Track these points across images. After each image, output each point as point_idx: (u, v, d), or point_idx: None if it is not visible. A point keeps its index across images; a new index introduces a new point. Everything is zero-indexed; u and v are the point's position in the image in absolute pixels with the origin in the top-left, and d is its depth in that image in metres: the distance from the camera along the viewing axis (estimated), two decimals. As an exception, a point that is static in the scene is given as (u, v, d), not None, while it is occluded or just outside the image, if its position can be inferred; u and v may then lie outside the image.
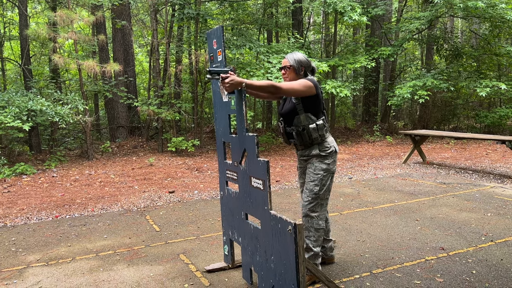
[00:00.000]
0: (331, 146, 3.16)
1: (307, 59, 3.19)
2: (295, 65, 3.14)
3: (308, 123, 3.08)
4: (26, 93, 8.60)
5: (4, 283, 3.38)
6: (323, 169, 3.12)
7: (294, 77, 3.15)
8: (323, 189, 3.12)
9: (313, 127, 3.07)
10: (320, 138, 3.10)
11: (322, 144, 3.13)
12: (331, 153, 3.15)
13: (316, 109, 3.11)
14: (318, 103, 3.11)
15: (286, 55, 3.22)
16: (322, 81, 11.85)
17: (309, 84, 3.02)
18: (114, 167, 9.09)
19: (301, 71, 3.15)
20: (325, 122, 3.15)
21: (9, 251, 4.12)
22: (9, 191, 7.01)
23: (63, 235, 4.61)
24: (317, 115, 3.11)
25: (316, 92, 3.07)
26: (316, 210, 3.14)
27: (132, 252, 4.00)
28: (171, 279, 3.35)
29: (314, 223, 3.12)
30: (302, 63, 3.15)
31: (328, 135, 3.19)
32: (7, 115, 7.83)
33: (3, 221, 5.21)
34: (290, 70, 3.15)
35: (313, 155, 3.15)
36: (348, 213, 5.18)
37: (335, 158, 3.18)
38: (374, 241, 4.11)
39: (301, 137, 3.13)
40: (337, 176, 7.68)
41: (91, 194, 6.62)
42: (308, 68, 3.19)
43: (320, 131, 3.09)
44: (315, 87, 3.06)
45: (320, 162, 3.13)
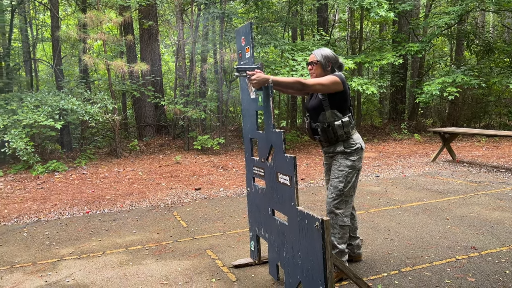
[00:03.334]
0: (357, 143, 3.12)
1: (334, 55, 3.17)
2: (322, 61, 3.11)
3: (333, 119, 3.05)
4: (58, 93, 8.87)
5: (39, 274, 3.51)
6: (348, 165, 3.08)
7: (321, 73, 3.12)
8: (347, 186, 3.09)
9: (339, 124, 3.04)
10: (345, 135, 3.08)
11: (348, 141, 3.10)
12: (356, 150, 3.10)
13: (343, 105, 3.08)
14: (345, 99, 3.08)
15: (314, 51, 3.21)
16: (348, 78, 11.72)
17: (336, 80, 2.99)
18: (142, 164, 9.26)
19: (328, 67, 3.12)
20: (351, 119, 3.12)
21: (43, 245, 4.27)
22: (42, 187, 7.26)
23: (94, 229, 4.74)
24: (343, 112, 3.08)
25: (343, 88, 3.04)
26: (340, 207, 3.12)
27: (160, 247, 4.08)
28: (198, 274, 3.40)
29: (338, 220, 3.10)
30: (330, 59, 3.12)
31: (354, 132, 3.15)
32: (40, 114, 8.10)
33: (37, 216, 5.40)
34: (317, 65, 3.13)
35: (338, 152, 3.12)
36: (375, 211, 5.11)
37: (361, 155, 3.14)
38: (403, 240, 4.04)
39: (326, 133, 3.10)
40: (363, 174, 7.58)
41: (120, 190, 6.77)
42: (335, 64, 3.16)
43: (346, 128, 3.06)
44: (342, 83, 3.03)
45: (345, 158, 3.09)
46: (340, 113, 3.06)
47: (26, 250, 4.11)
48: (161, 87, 12.86)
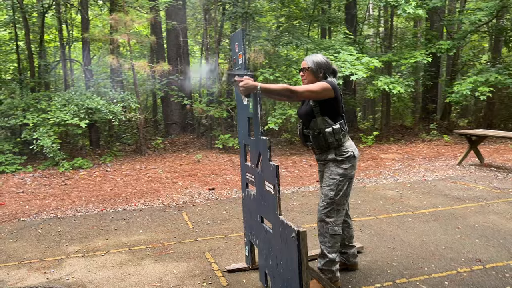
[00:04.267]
0: (349, 150, 3.04)
1: (327, 61, 3.11)
2: (313, 67, 3.05)
3: (324, 126, 3.00)
4: (85, 92, 9.20)
5: (43, 271, 3.67)
6: (339, 174, 3.01)
7: (313, 80, 3.06)
8: (339, 194, 3.02)
9: (329, 131, 2.99)
10: (336, 142, 3.01)
11: (339, 149, 3.03)
12: (348, 158, 3.03)
13: (334, 112, 3.02)
14: (337, 106, 3.02)
15: (305, 57, 3.15)
16: (374, 77, 11.46)
17: (327, 86, 2.94)
18: (164, 162, 9.46)
19: (320, 73, 3.06)
20: (343, 126, 3.05)
21: (54, 242, 4.46)
22: (66, 184, 7.56)
23: (103, 228, 4.89)
24: (334, 119, 3.02)
25: (334, 95, 2.97)
26: (331, 215, 3.04)
27: (162, 248, 4.16)
28: (191, 277, 3.44)
29: (329, 229, 3.04)
30: (321, 65, 3.07)
31: (346, 140, 3.08)
32: (66, 113, 8.43)
33: (54, 213, 5.64)
34: (308, 72, 3.07)
35: (329, 159, 3.07)
36: (385, 217, 4.98)
37: (353, 163, 3.06)
38: (406, 249, 3.92)
39: (317, 140, 3.07)
40: (382, 177, 7.41)
41: (137, 189, 6.95)
42: (328, 70, 3.10)
43: (337, 136, 3.00)
44: (333, 89, 2.96)
45: (337, 166, 3.03)
46: (331, 120, 3.01)
47: (37, 247, 4.30)
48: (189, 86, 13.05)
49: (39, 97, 9.06)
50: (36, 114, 8.57)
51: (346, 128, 3.08)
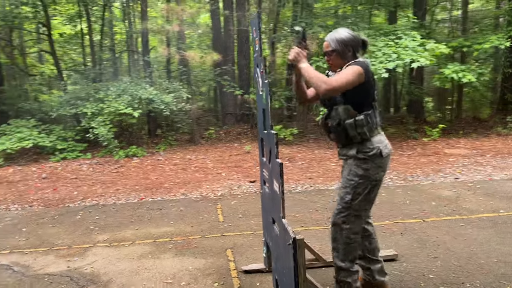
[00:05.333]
0: (375, 147, 2.54)
1: (352, 34, 2.58)
2: (338, 48, 2.55)
3: (346, 117, 2.53)
4: (139, 83, 9.45)
5: (67, 259, 3.73)
6: (359, 175, 2.55)
7: (341, 63, 2.57)
8: (356, 198, 2.56)
9: (350, 123, 2.51)
10: (359, 136, 2.52)
11: (363, 144, 2.54)
12: (372, 156, 2.53)
13: (361, 100, 2.53)
14: (365, 92, 2.52)
15: (326, 37, 2.63)
16: (441, 65, 10.50)
17: (359, 71, 2.44)
18: (215, 152, 9.46)
19: (349, 52, 2.55)
20: (371, 118, 2.53)
21: (87, 229, 4.56)
22: (118, 171, 7.82)
23: (137, 217, 4.93)
24: (360, 108, 2.52)
25: (364, 80, 2.47)
26: (348, 221, 2.60)
27: (186, 242, 4.06)
28: (205, 276, 3.30)
29: (343, 235, 2.63)
30: (347, 42, 2.54)
31: (374, 134, 2.56)
32: (121, 103, 8.71)
33: (97, 200, 5.81)
34: (334, 55, 2.58)
35: (349, 155, 2.60)
36: (433, 221, 4.46)
37: (380, 163, 2.56)
38: (449, 259, 3.44)
39: (337, 133, 2.61)
40: (441, 175, 6.73)
41: (181, 178, 6.98)
42: (356, 46, 2.58)
43: (359, 129, 2.50)
44: (365, 73, 2.46)
45: (357, 166, 2.56)
46: (355, 110, 2.52)
47: (70, 233, 4.42)
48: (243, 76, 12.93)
49: (98, 87, 9.47)
50: (95, 103, 8.96)
51: (375, 120, 2.56)
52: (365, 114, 2.52)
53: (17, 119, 9.45)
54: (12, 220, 4.93)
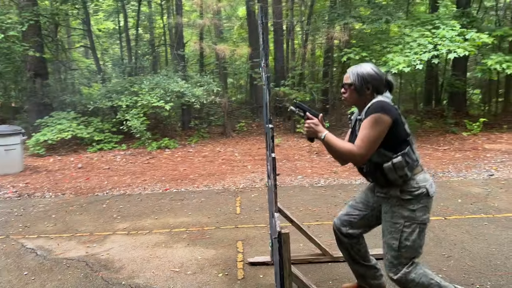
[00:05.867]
0: (421, 186, 2.23)
1: (376, 72, 2.31)
2: (356, 83, 2.30)
3: (381, 160, 2.23)
4: (172, 76, 9.67)
5: (87, 245, 3.93)
6: (405, 216, 2.23)
7: (356, 99, 2.34)
8: (405, 244, 2.23)
9: (388, 167, 2.21)
10: (401, 179, 2.22)
11: (407, 184, 2.24)
12: (418, 197, 2.22)
13: (393, 141, 2.22)
14: (395, 133, 2.21)
15: (349, 69, 2.40)
16: (484, 55, 9.97)
17: (382, 120, 2.15)
18: (244, 145, 9.54)
19: (367, 90, 2.29)
20: (410, 156, 2.22)
21: (110, 218, 4.77)
22: (149, 162, 8.08)
23: (159, 207, 5.09)
24: (395, 148, 2.22)
25: (391, 121, 2.18)
26: (408, 269, 2.25)
27: (200, 233, 4.16)
28: (212, 266, 3.37)
29: (419, 283, 2.25)
30: (367, 79, 2.28)
31: (417, 172, 2.26)
32: (153, 96, 8.96)
33: (125, 190, 6.05)
34: (351, 89, 2.33)
35: (391, 195, 2.29)
36: (455, 218, 4.30)
37: (426, 203, 2.24)
38: (463, 259, 3.31)
39: (374, 177, 2.34)
40: (474, 171, 6.44)
41: (206, 170, 7.11)
42: (378, 84, 2.30)
43: (400, 171, 2.20)
44: (388, 114, 2.16)
45: (401, 206, 2.25)
46: (389, 152, 2.22)
47: (94, 221, 4.65)
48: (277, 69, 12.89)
49: (133, 81, 9.79)
50: (129, 96, 9.28)
51: (414, 157, 2.25)
52: (402, 154, 2.21)
53: (59, 111, 9.96)
54: (45, 207, 5.25)
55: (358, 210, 2.54)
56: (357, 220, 2.53)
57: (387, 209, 2.31)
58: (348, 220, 2.56)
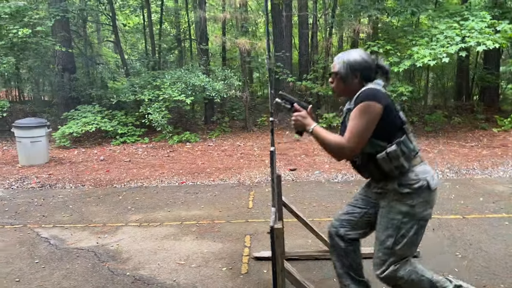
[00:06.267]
0: (420, 179, 2.04)
1: (364, 58, 2.13)
2: (341, 71, 2.14)
3: (375, 151, 2.05)
4: (194, 70, 9.72)
5: (99, 235, 4.00)
6: (403, 212, 2.06)
7: (343, 88, 2.18)
8: (400, 242, 2.07)
9: (382, 157, 2.03)
10: (397, 170, 2.04)
11: (406, 176, 2.06)
12: (418, 190, 2.04)
13: (386, 129, 2.04)
14: (388, 121, 2.03)
15: (336, 56, 2.23)
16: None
17: (371, 108, 1.97)
18: (264, 140, 9.49)
19: (355, 78, 2.12)
20: (406, 144, 2.04)
21: (125, 209, 4.84)
22: (169, 156, 8.17)
23: (173, 200, 5.13)
24: (389, 137, 2.04)
25: (382, 109, 1.99)
26: (398, 269, 2.10)
27: (209, 226, 4.16)
28: (217, 260, 3.36)
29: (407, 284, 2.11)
30: (354, 67, 2.11)
31: (416, 163, 2.08)
32: (175, 90, 9.04)
33: (142, 182, 6.13)
34: (337, 78, 2.17)
35: (388, 189, 2.11)
36: (474, 218, 4.12)
37: (427, 198, 2.06)
38: (477, 260, 3.16)
39: (368, 170, 2.17)
40: (500, 169, 6.16)
41: (224, 164, 7.12)
42: (367, 72, 2.12)
43: (395, 161, 2.02)
44: (380, 103, 1.97)
45: (398, 201, 2.07)
46: (383, 141, 2.04)
47: (109, 212, 4.73)
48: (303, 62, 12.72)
49: (156, 75, 9.91)
50: (152, 90, 9.40)
51: (412, 146, 2.07)
52: (397, 143, 2.03)
53: (85, 105, 10.21)
54: (64, 198, 5.39)
55: (358, 208, 2.36)
56: (358, 218, 2.34)
57: (384, 204, 2.15)
58: (348, 219, 2.35)
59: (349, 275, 2.31)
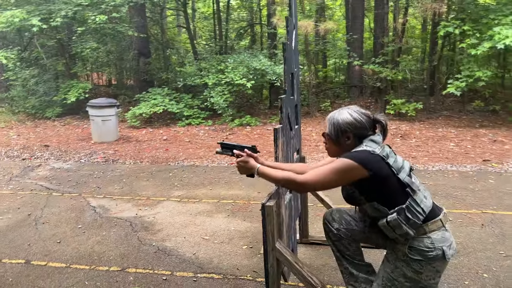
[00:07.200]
0: (437, 248, 1.80)
1: (354, 118, 1.91)
2: (331, 133, 1.97)
3: (378, 215, 1.88)
4: (257, 54, 9.73)
5: (139, 208, 4.23)
6: (407, 277, 1.84)
7: (335, 150, 2.00)
8: None
9: (383, 225, 1.84)
10: (402, 238, 1.82)
11: (420, 240, 1.82)
12: (430, 259, 1.80)
13: (383, 195, 1.84)
14: (382, 187, 1.82)
15: (327, 116, 2.06)
16: None
17: (346, 167, 1.80)
18: (316, 126, 9.27)
19: (346, 140, 1.93)
20: (411, 211, 1.79)
21: (171, 185, 5.04)
22: (227, 138, 8.33)
23: (218, 179, 5.23)
24: (389, 203, 1.83)
25: (368, 174, 1.78)
26: None
27: (244, 205, 4.18)
28: (240, 238, 3.37)
29: None
30: (344, 129, 1.92)
31: (433, 228, 1.82)
32: (236, 74, 9.15)
33: (194, 161, 6.33)
34: (328, 139, 2.02)
35: (398, 249, 1.87)
36: (536, 215, 3.65)
37: (439, 267, 1.82)
38: (525, 261, 2.81)
39: (376, 231, 1.98)
40: None
41: (278, 148, 7.07)
42: (360, 133, 1.91)
43: (398, 230, 1.79)
44: (363, 165, 1.77)
45: (406, 264, 1.84)
46: (384, 206, 1.84)
47: (156, 187, 4.96)
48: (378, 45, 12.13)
49: (221, 59, 10.10)
50: (216, 74, 9.61)
51: (420, 210, 1.80)
52: (398, 211, 1.80)
53: (155, 88, 10.76)
54: (120, 172, 5.76)
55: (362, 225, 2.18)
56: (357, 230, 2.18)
57: (389, 257, 1.92)
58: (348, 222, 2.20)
59: (345, 259, 2.18)
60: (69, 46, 11.42)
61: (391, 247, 1.91)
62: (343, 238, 2.16)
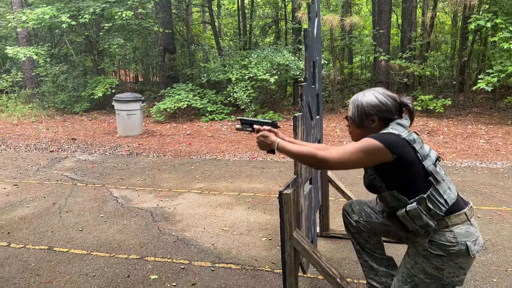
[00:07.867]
0: (461, 243, 1.66)
1: (380, 100, 1.79)
2: (355, 116, 1.85)
3: (397, 205, 1.76)
4: (281, 49, 9.66)
5: (161, 199, 4.25)
6: (428, 273, 1.71)
7: (359, 133, 1.87)
8: None
9: (402, 215, 1.72)
10: (422, 229, 1.69)
11: (442, 234, 1.69)
12: (454, 255, 1.67)
13: (405, 182, 1.72)
14: (405, 173, 1.70)
15: (351, 98, 1.94)
16: None
17: (372, 147, 1.67)
18: (340, 122, 9.12)
19: (371, 122, 1.81)
20: (432, 201, 1.67)
21: (193, 178, 5.06)
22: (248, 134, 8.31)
23: (239, 173, 5.21)
24: (410, 192, 1.71)
25: (392, 158, 1.67)
26: None
27: (264, 198, 4.15)
28: (259, 230, 3.34)
29: None
30: (368, 111, 1.80)
31: (458, 221, 1.69)
32: (260, 69, 9.11)
33: (216, 155, 6.34)
34: (351, 123, 1.90)
35: (418, 242, 1.75)
36: None
37: (463, 264, 1.68)
38: (559, 260, 2.66)
39: (398, 223, 1.81)
40: None
41: (300, 143, 7.00)
42: (386, 116, 1.79)
43: (418, 221, 1.67)
44: (389, 148, 1.65)
45: (426, 259, 1.72)
46: (405, 195, 1.72)
47: (177, 179, 4.99)
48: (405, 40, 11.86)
49: (244, 55, 10.08)
50: (240, 70, 9.60)
51: (442, 201, 1.68)
52: (419, 200, 1.68)
53: (180, 83, 10.85)
54: (144, 165, 5.82)
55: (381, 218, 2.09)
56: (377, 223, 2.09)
57: (410, 252, 1.80)
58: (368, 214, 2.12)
59: (365, 252, 2.10)
60: (97, 43, 11.66)
61: (412, 241, 1.79)
62: (362, 231, 2.09)
